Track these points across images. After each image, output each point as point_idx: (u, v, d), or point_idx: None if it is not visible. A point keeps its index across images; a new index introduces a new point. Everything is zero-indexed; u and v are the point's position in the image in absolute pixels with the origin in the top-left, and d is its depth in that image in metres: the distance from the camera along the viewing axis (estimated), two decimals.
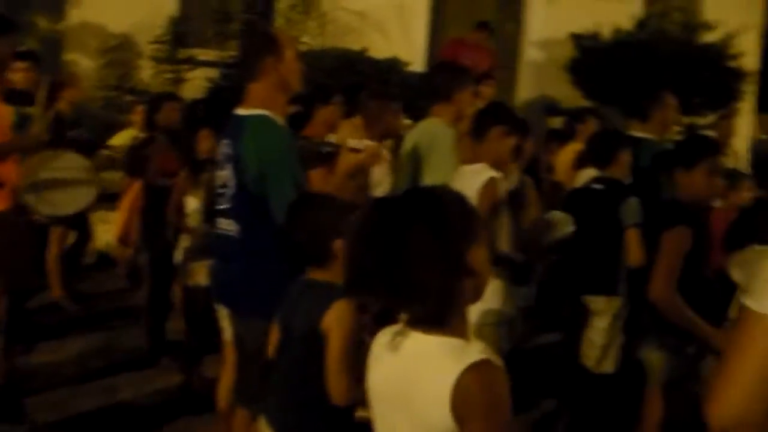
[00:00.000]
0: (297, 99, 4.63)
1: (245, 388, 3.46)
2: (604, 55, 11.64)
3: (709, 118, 11.27)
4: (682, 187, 3.82)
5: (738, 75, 11.84)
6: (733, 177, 5.64)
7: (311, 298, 2.72)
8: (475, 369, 1.67)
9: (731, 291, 1.94)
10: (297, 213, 2.84)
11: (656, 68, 10.97)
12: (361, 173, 4.15)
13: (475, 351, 1.73)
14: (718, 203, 5.24)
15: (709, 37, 11.82)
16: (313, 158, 4.00)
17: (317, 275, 2.78)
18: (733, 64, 11.74)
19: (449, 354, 1.72)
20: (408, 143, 4.82)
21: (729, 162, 8.33)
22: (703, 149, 3.90)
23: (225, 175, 3.54)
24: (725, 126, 9.07)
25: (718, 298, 3.40)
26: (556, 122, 10.71)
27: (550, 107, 12.41)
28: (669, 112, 6.14)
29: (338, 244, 2.63)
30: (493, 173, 3.96)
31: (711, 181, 3.81)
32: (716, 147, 4.01)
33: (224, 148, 3.58)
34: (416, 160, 4.70)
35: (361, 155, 3.72)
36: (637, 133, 6.02)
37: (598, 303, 4.72)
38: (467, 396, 1.64)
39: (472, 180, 3.88)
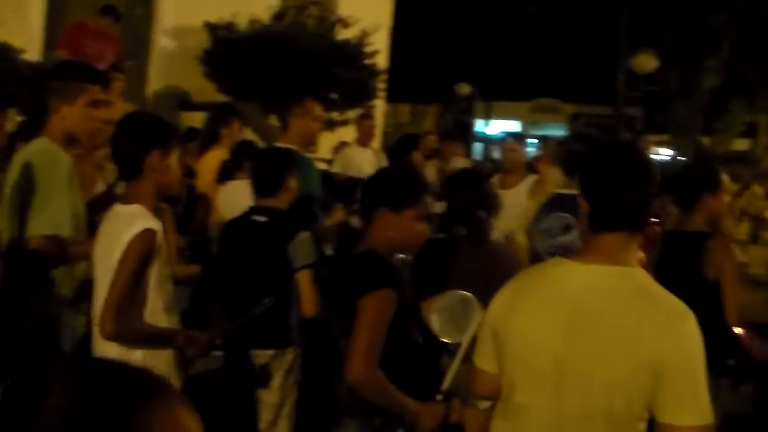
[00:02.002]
0: None
1: None
2: (239, 47, 10.99)
3: (348, 114, 11.21)
4: (387, 231, 2.94)
5: (373, 72, 11.89)
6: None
7: None
8: None
9: None
10: None
11: (294, 63, 10.58)
12: None
13: None
14: None
15: (345, 34, 11.70)
16: None
17: None
18: (368, 61, 11.75)
19: None
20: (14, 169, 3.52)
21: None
22: (417, 187, 3.05)
23: None
24: (366, 126, 8.98)
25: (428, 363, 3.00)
26: (193, 119, 9.79)
27: (183, 101, 11.45)
28: (312, 123, 5.28)
29: None
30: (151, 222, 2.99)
31: (418, 227, 3.11)
32: (426, 184, 3.23)
33: None
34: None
35: None
36: (280, 144, 5.23)
37: (267, 358, 3.97)
38: None
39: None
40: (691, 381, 1.98)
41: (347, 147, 9.11)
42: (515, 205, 5.38)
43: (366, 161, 8.31)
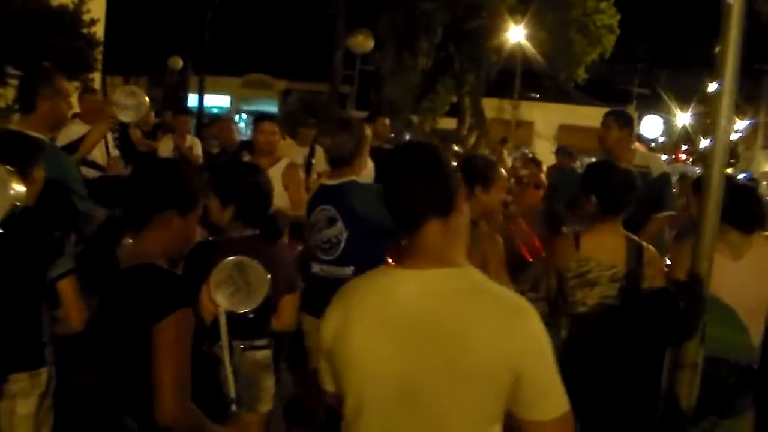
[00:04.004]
0: None
1: None
2: None
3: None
4: (168, 236, 2.61)
5: (92, 42, 11.01)
6: None
7: None
8: None
9: None
10: None
11: (2, 28, 9.47)
12: None
13: None
14: None
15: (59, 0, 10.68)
16: None
17: None
18: (86, 30, 10.84)
19: None
20: None
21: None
22: (197, 188, 2.80)
23: None
24: (90, 101, 8.16)
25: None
26: None
27: None
28: (62, 103, 4.51)
29: None
30: None
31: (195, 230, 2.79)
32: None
33: None
34: None
35: None
36: (21, 128, 4.43)
37: (19, 382, 3.38)
38: None
39: None
40: (549, 373, 1.95)
41: (71, 125, 8.28)
42: None
43: None
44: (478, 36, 22.52)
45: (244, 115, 35.66)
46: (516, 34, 22.57)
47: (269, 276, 2.88)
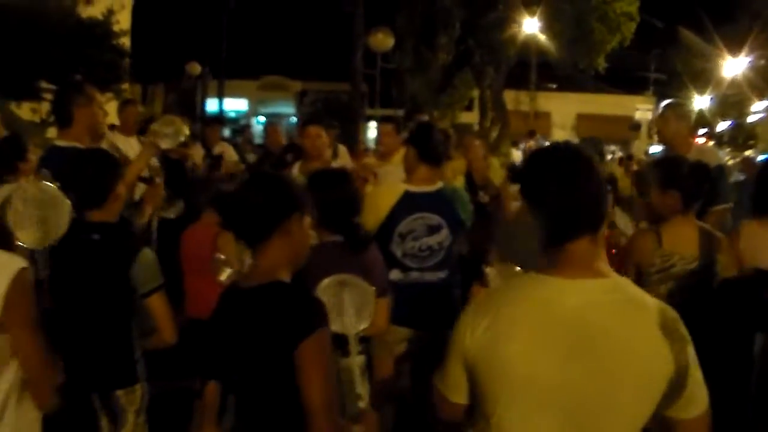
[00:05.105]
0: None
1: None
2: None
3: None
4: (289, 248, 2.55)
5: (122, 53, 11.04)
6: None
7: None
8: None
9: None
10: None
11: (37, 42, 9.48)
12: None
13: None
14: None
15: (90, 12, 10.70)
16: None
17: None
18: (116, 42, 10.87)
19: None
20: None
21: None
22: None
23: None
24: (129, 112, 8.20)
25: None
26: None
27: None
28: (98, 111, 4.56)
29: None
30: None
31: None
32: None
33: None
34: None
35: None
36: (63, 141, 4.46)
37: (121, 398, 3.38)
38: None
39: None
40: (697, 373, 1.99)
41: (111, 136, 8.29)
42: None
43: (133, 151, 7.60)
44: (497, 29, 22.43)
45: (261, 118, 35.68)
46: (532, 25, 22.48)
47: (373, 289, 2.88)
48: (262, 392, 2.44)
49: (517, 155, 17.80)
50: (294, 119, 28.81)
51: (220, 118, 12.09)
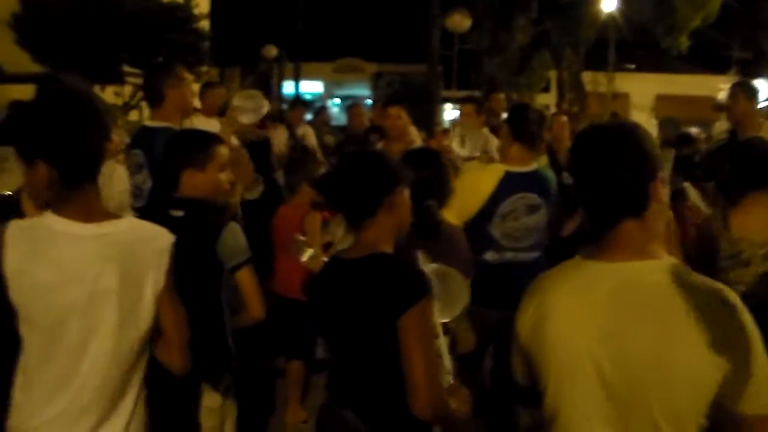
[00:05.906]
0: None
1: None
2: (54, 11, 9.90)
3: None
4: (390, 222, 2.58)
5: (201, 36, 11.18)
6: None
7: None
8: None
9: None
10: None
11: (119, 27, 9.65)
12: None
13: None
14: None
15: None
16: None
17: None
18: (196, 25, 11.02)
19: None
20: None
21: None
22: None
23: None
24: (213, 95, 8.30)
25: None
26: (12, 92, 8.67)
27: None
28: (187, 91, 4.71)
29: None
30: None
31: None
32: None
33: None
34: None
35: None
36: (154, 122, 4.45)
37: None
38: None
39: None
40: (763, 366, 1.84)
41: (193, 117, 8.41)
42: None
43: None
44: (574, 9, 22.04)
45: (336, 100, 35.85)
46: (610, 4, 22.02)
47: (468, 281, 2.84)
48: (364, 362, 2.44)
49: None
50: (369, 101, 28.87)
51: (304, 101, 12.17)
